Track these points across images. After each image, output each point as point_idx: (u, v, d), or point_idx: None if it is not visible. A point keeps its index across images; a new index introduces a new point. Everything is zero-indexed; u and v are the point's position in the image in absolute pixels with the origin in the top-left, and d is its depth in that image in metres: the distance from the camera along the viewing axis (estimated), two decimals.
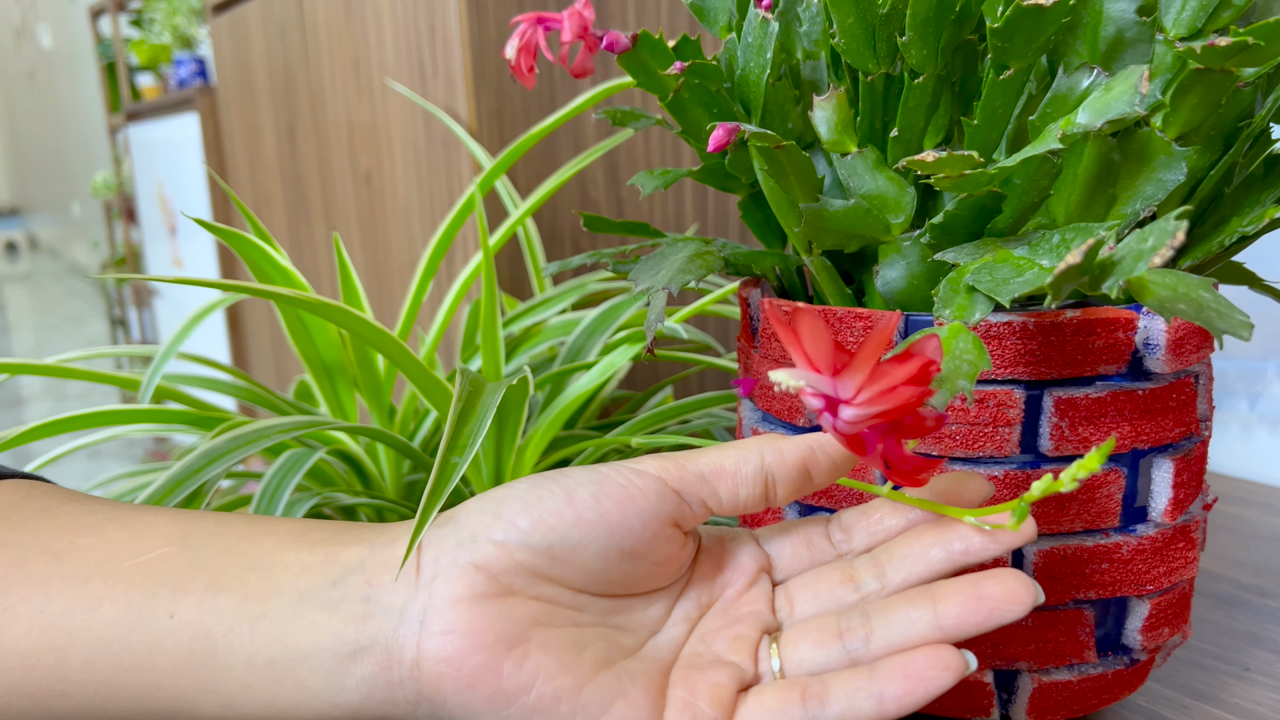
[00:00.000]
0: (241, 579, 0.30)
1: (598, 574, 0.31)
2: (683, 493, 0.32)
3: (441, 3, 0.85)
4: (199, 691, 0.30)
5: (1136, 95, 0.28)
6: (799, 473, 0.32)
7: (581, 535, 0.30)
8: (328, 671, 0.29)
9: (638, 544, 0.31)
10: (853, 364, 0.25)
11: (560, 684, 0.29)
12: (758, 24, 0.37)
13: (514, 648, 0.29)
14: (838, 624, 0.30)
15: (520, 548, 0.30)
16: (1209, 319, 0.27)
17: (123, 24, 2.98)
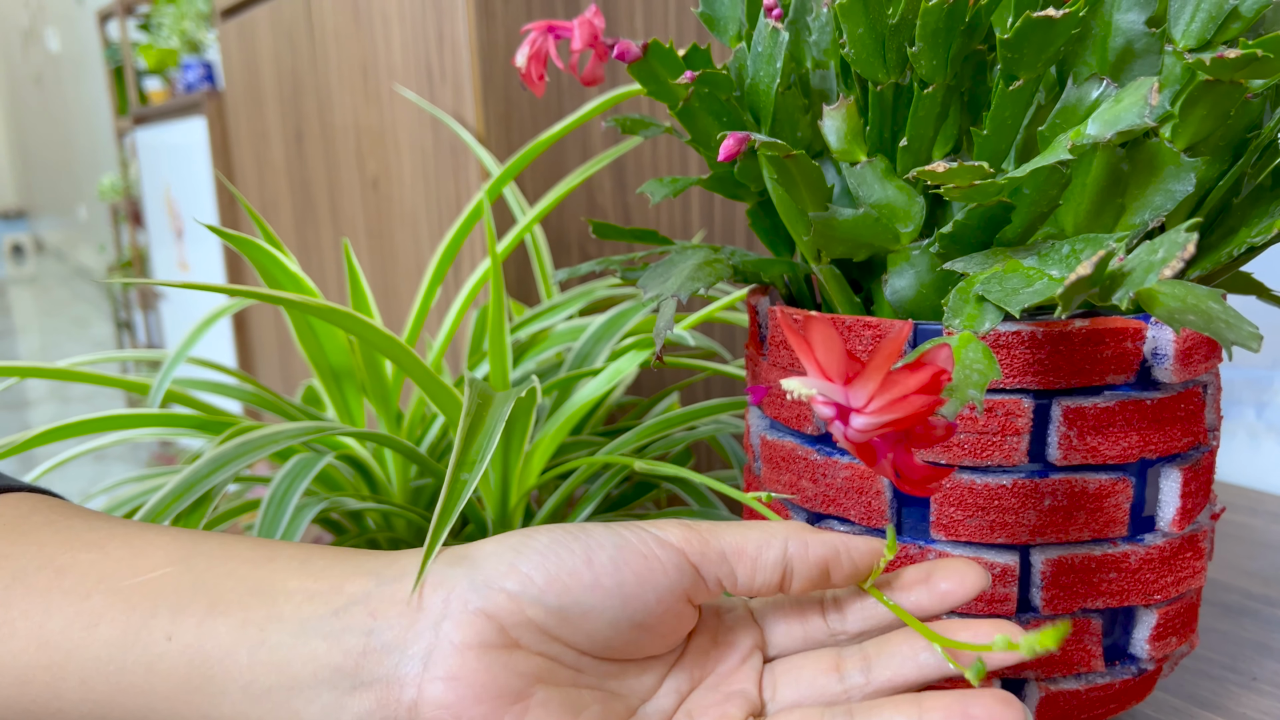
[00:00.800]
0: (242, 603, 0.30)
1: (605, 640, 0.30)
2: (701, 569, 0.31)
3: (450, 9, 0.86)
4: (194, 716, 0.29)
5: (1146, 106, 0.28)
6: (819, 571, 0.32)
7: (596, 601, 0.30)
8: (324, 705, 0.29)
9: (649, 617, 0.30)
10: (864, 372, 0.25)
11: None
12: (768, 33, 0.37)
13: (515, 703, 0.29)
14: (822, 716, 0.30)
15: (533, 604, 0.29)
16: (1218, 330, 0.27)
17: (130, 28, 2.99)
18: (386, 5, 0.97)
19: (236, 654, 0.29)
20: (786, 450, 0.41)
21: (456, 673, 0.28)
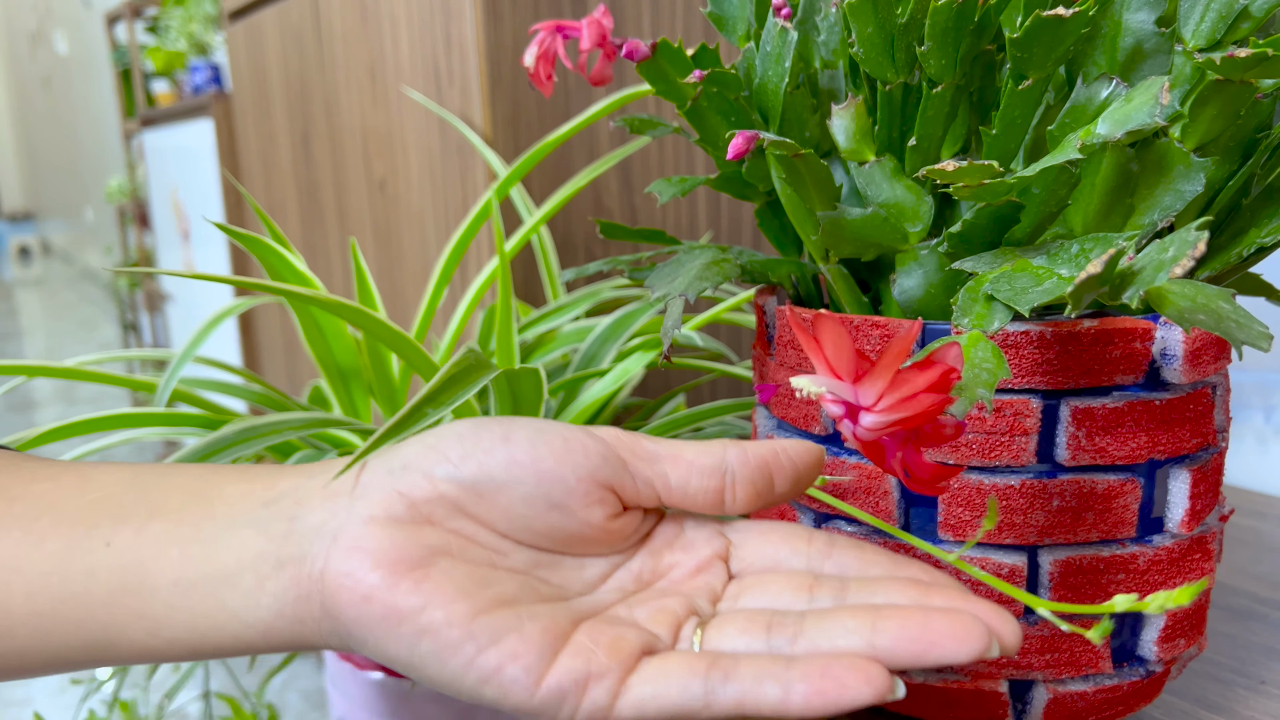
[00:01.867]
0: (181, 508, 0.31)
1: (523, 520, 0.30)
2: (629, 464, 0.31)
3: (458, 11, 0.86)
4: (129, 617, 0.30)
5: (1157, 106, 0.28)
6: (761, 473, 0.31)
7: (509, 476, 0.30)
8: (247, 589, 0.30)
9: (568, 497, 0.30)
10: (874, 371, 0.25)
11: (454, 610, 0.28)
12: (776, 33, 0.37)
13: (415, 570, 0.29)
14: (769, 619, 0.29)
15: (446, 480, 0.30)
16: (1228, 330, 0.27)
17: (138, 30, 3.00)
18: (394, 7, 0.97)
19: (169, 552, 0.30)
20: None
21: (360, 543, 0.29)
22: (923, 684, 0.38)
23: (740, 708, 0.26)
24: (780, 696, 0.26)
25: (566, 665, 0.28)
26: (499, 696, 0.28)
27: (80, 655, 0.31)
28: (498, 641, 0.28)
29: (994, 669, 0.38)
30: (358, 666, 0.68)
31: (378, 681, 0.66)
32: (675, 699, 0.27)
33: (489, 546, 0.30)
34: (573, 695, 0.27)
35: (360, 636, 0.29)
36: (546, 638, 0.28)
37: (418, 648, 0.28)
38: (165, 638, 0.30)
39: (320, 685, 1.56)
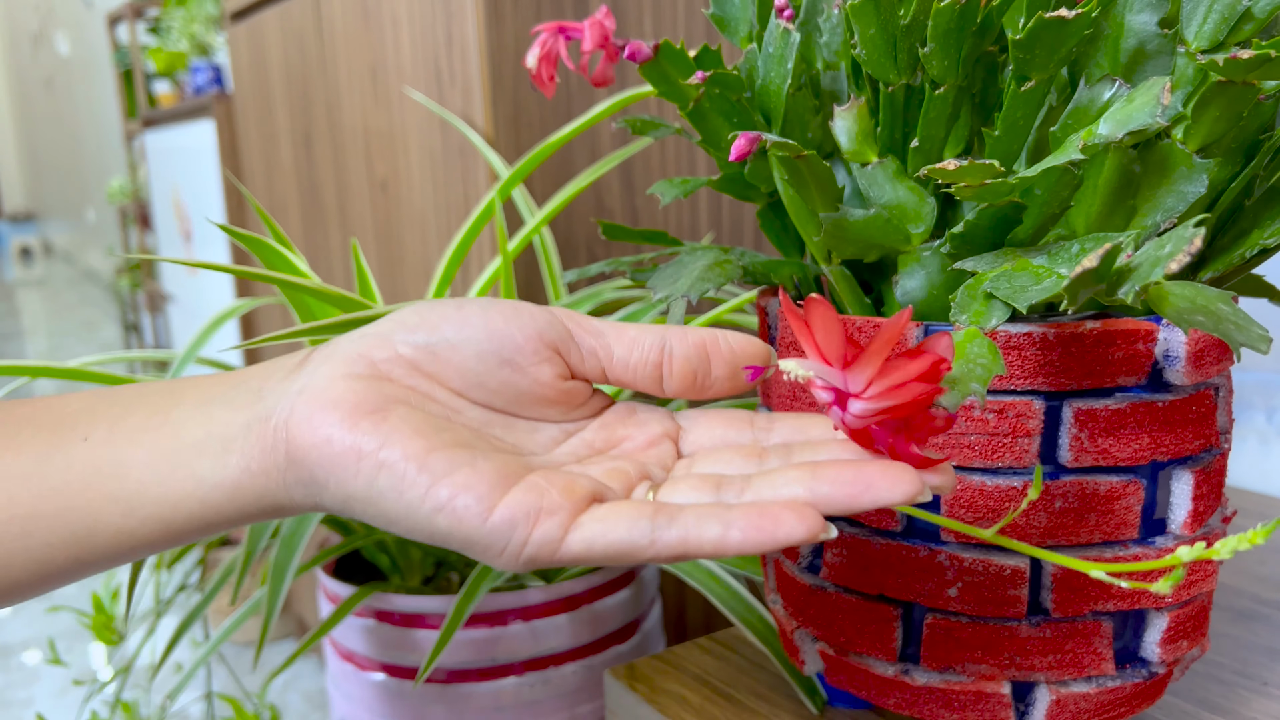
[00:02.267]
0: (154, 404, 0.33)
1: (476, 377, 0.32)
2: (574, 333, 0.33)
3: (460, 11, 0.86)
4: (105, 501, 0.32)
5: (1158, 107, 0.28)
6: (698, 352, 0.33)
7: (463, 336, 0.32)
8: (215, 453, 0.31)
9: (517, 354, 0.32)
10: (863, 357, 0.25)
11: (410, 447, 0.29)
12: (779, 34, 0.37)
13: (374, 413, 0.30)
14: (719, 480, 0.30)
15: (404, 343, 0.32)
16: (1227, 331, 0.27)
17: (140, 31, 3.00)
18: (396, 7, 0.97)
19: (142, 438, 0.32)
20: None
21: (322, 394, 0.31)
22: (925, 686, 0.38)
23: (683, 544, 0.28)
24: (720, 534, 0.27)
25: (519, 498, 0.29)
26: (451, 525, 0.29)
27: (61, 555, 0.32)
28: (451, 474, 0.29)
29: (996, 670, 0.38)
30: (359, 668, 0.68)
31: (379, 682, 0.66)
32: (623, 536, 0.28)
33: (445, 404, 0.32)
34: (523, 526, 0.28)
35: (322, 478, 0.30)
36: (499, 475, 0.29)
37: (376, 482, 0.29)
38: (140, 517, 0.32)
39: (322, 686, 1.56)
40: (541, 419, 0.33)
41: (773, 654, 0.49)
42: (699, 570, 0.55)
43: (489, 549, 0.29)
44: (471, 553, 0.29)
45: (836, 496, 0.27)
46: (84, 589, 1.99)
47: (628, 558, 0.28)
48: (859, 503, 0.27)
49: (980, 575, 0.37)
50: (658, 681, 0.50)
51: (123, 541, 0.32)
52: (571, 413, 0.34)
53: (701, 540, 0.27)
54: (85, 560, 0.33)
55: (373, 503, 0.29)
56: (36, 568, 0.32)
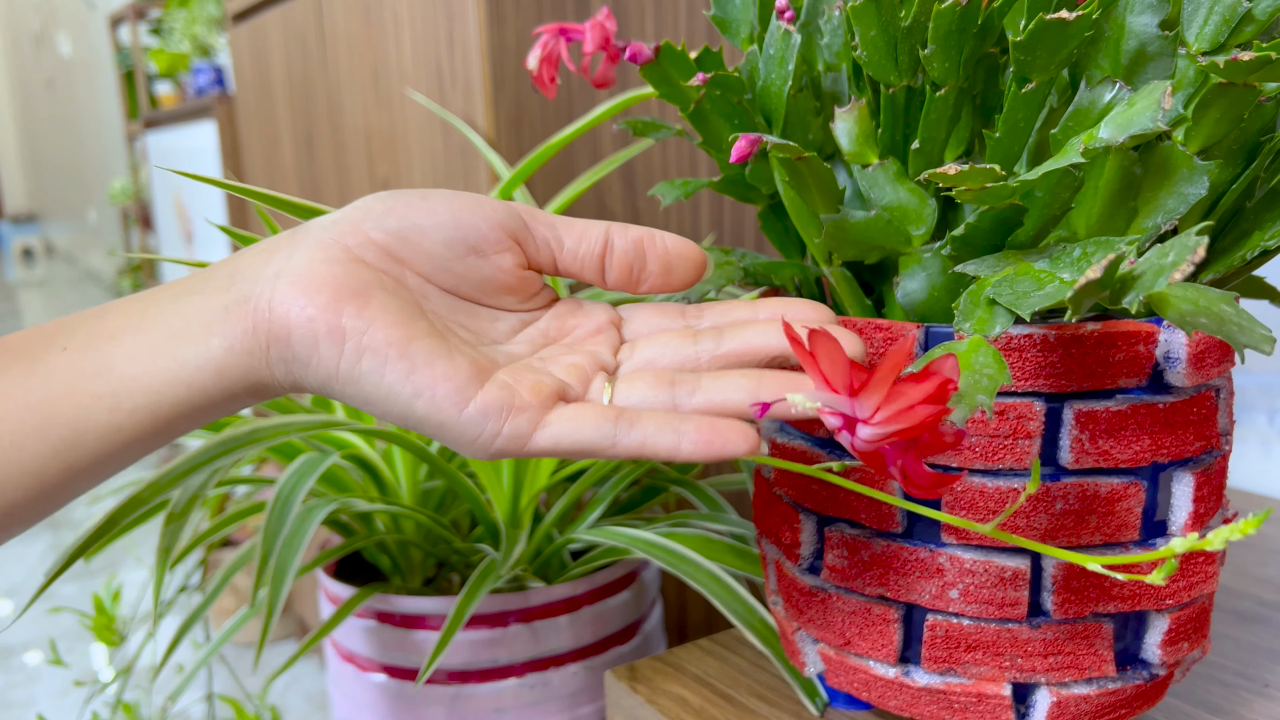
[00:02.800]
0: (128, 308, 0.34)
1: (443, 262, 0.34)
2: (530, 224, 0.35)
3: (461, 12, 0.86)
4: (90, 400, 0.33)
5: (1160, 110, 0.28)
6: (635, 246, 0.36)
7: (430, 222, 0.34)
8: (196, 336, 0.33)
9: (482, 242, 0.34)
10: (870, 384, 0.25)
11: (393, 334, 0.31)
12: (779, 36, 0.37)
13: (356, 297, 0.32)
14: (673, 375, 0.33)
15: (375, 228, 0.33)
16: (1230, 333, 0.27)
17: (142, 32, 3.00)
18: (397, 8, 0.97)
19: (122, 336, 0.33)
20: (797, 453, 0.41)
21: (303, 275, 0.32)
22: (926, 687, 0.38)
23: (641, 448, 0.31)
24: (674, 443, 0.31)
25: (493, 393, 0.31)
26: (428, 411, 0.31)
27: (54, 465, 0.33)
28: (432, 364, 0.31)
29: (997, 672, 0.38)
30: (360, 669, 0.68)
31: (380, 683, 0.66)
32: (588, 436, 0.31)
33: (415, 289, 0.34)
34: (495, 419, 0.31)
35: (304, 357, 0.32)
36: (474, 369, 0.32)
37: (359, 365, 0.31)
38: (127, 409, 0.33)
39: (323, 687, 1.56)
40: (500, 307, 0.36)
41: (773, 655, 0.49)
42: (700, 572, 0.55)
43: (461, 437, 0.31)
44: (442, 438, 0.32)
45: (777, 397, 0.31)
46: (85, 590, 1.99)
47: (589, 455, 0.32)
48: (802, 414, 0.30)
49: (981, 576, 0.37)
50: (658, 683, 0.50)
51: (112, 439, 0.33)
52: (526, 302, 0.36)
53: (657, 447, 0.31)
54: (77, 467, 0.33)
55: (354, 383, 0.32)
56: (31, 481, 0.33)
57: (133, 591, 1.89)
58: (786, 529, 0.42)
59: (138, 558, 0.89)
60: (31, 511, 0.34)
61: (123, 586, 0.89)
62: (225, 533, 0.67)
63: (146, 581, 0.99)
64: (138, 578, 2.00)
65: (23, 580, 2.13)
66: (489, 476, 0.65)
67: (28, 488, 0.33)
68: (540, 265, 0.36)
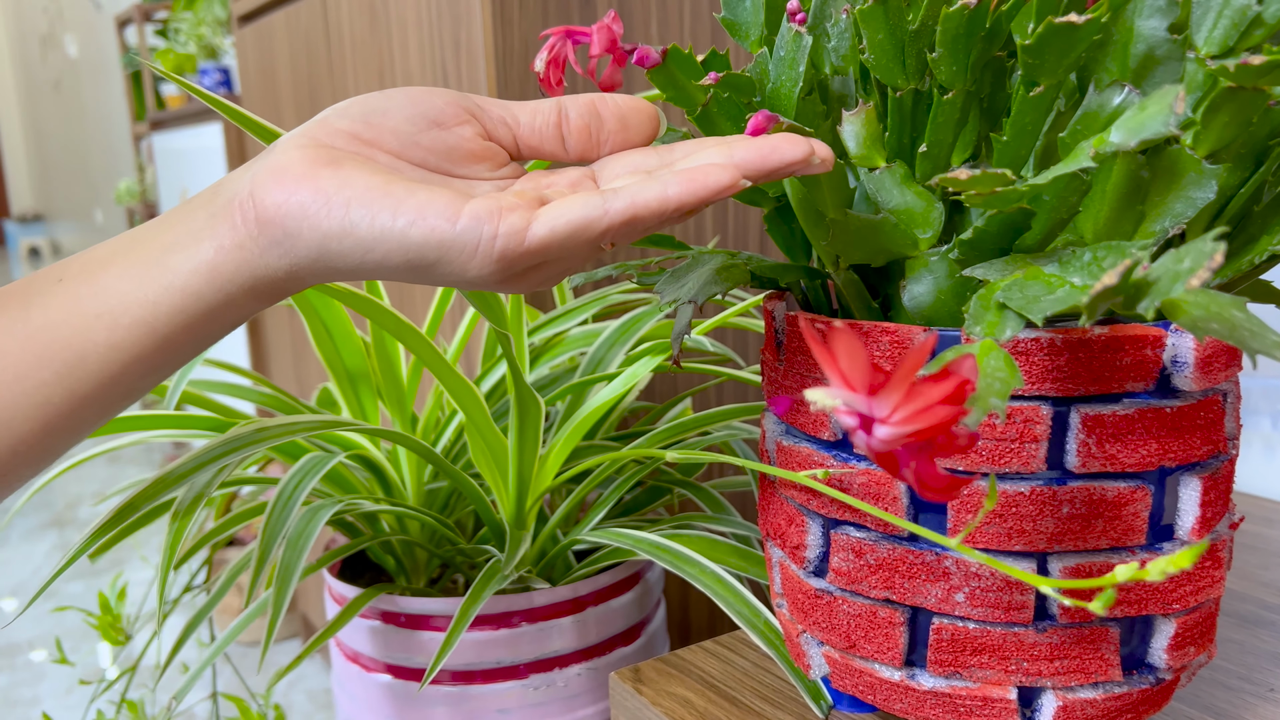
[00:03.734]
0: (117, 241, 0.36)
1: (410, 138, 0.35)
2: (483, 105, 0.37)
3: (467, 15, 0.86)
4: (89, 321, 0.34)
5: (1171, 115, 0.28)
6: (589, 109, 0.37)
7: (391, 104, 0.36)
8: (185, 244, 0.34)
9: (441, 115, 0.36)
10: (889, 383, 0.25)
11: (372, 181, 0.33)
12: (790, 38, 0.37)
13: (330, 164, 0.34)
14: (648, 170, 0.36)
15: (340, 118, 0.35)
16: (1242, 338, 0.27)
17: (148, 34, 3.01)
18: (404, 11, 0.97)
19: (113, 261, 0.35)
20: (802, 456, 0.41)
21: (278, 165, 0.34)
22: (931, 691, 0.38)
23: (632, 208, 0.32)
24: (660, 192, 0.32)
25: (479, 204, 0.33)
26: (425, 235, 0.32)
27: (58, 391, 0.34)
28: (414, 194, 0.33)
29: (1003, 675, 0.38)
30: (365, 669, 0.68)
31: (384, 683, 0.67)
32: (579, 213, 0.32)
33: (387, 166, 0.35)
34: (489, 222, 0.32)
35: (294, 229, 0.33)
36: (455, 193, 0.34)
37: (349, 215, 0.33)
38: (125, 325, 0.34)
39: (326, 686, 1.56)
40: (472, 176, 0.37)
41: (778, 657, 0.49)
42: (704, 573, 0.55)
43: (463, 250, 0.32)
44: (446, 262, 0.33)
45: (751, 158, 0.33)
46: (90, 588, 1.99)
47: (586, 231, 0.33)
48: (769, 162, 0.33)
49: (987, 580, 0.37)
50: (663, 684, 0.50)
51: (113, 359, 0.34)
52: (497, 170, 0.37)
53: (647, 201, 0.32)
54: (81, 392, 0.34)
55: (348, 234, 0.33)
56: (37, 412, 0.34)
57: (138, 590, 1.89)
58: (792, 531, 0.42)
59: (143, 557, 0.89)
60: (40, 448, 0.35)
61: (129, 585, 0.89)
62: (231, 532, 0.67)
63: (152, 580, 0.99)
64: (143, 576, 2.00)
65: (28, 578, 2.14)
66: (494, 477, 0.65)
67: (34, 419, 0.34)
68: (500, 140, 0.37)
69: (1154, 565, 0.25)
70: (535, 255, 0.33)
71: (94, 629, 0.77)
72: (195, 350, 0.36)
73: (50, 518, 2.52)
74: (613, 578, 0.68)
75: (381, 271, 0.34)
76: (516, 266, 0.33)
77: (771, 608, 0.53)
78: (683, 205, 0.32)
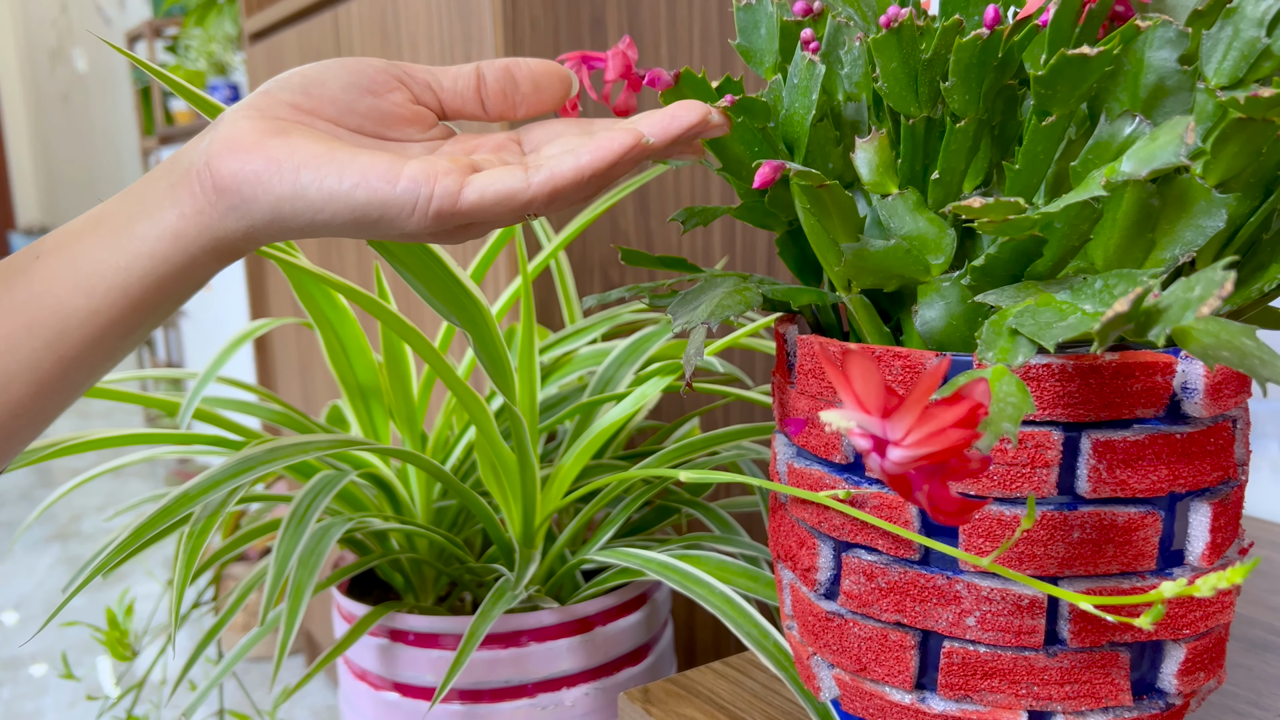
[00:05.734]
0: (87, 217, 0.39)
1: (346, 105, 0.39)
2: (409, 70, 0.40)
3: (479, 36, 0.87)
4: (68, 291, 0.37)
5: (1182, 145, 0.29)
6: (505, 73, 0.41)
7: (328, 75, 0.39)
8: (151, 214, 0.37)
9: (373, 83, 0.39)
10: (903, 406, 0.25)
11: (318, 148, 0.37)
12: (804, 66, 0.38)
13: (278, 134, 0.37)
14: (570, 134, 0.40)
15: (282, 90, 0.38)
16: (1251, 366, 0.28)
17: (158, 49, 3.03)
18: (415, 31, 0.98)
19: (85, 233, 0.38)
20: (814, 479, 0.41)
21: (230, 136, 0.37)
22: (941, 714, 0.39)
23: (551, 179, 0.36)
24: (574, 163, 0.36)
25: (417, 166, 0.36)
26: (369, 196, 0.36)
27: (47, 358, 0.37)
28: (356, 158, 0.36)
29: (1013, 699, 0.38)
30: (373, 687, 0.68)
31: (392, 702, 0.67)
32: (506, 184, 0.36)
33: (328, 132, 0.39)
34: (425, 185, 0.36)
35: (250, 194, 0.36)
36: (394, 156, 0.37)
37: (299, 179, 0.36)
38: (101, 291, 0.37)
39: (330, 702, 1.56)
40: (405, 139, 0.40)
41: (788, 679, 0.50)
42: (714, 594, 0.56)
43: (402, 209, 0.36)
44: (387, 220, 0.37)
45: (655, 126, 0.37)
46: (94, 602, 1.99)
47: (511, 201, 0.36)
48: (671, 128, 0.37)
49: (998, 604, 0.37)
50: (671, 705, 0.50)
51: (93, 323, 0.37)
52: (427, 131, 0.41)
53: (564, 171, 0.36)
54: (68, 356, 0.38)
55: (300, 197, 0.36)
56: (30, 376, 0.37)
57: (143, 605, 1.89)
58: (803, 554, 0.42)
59: (149, 572, 0.89)
60: (35, 410, 0.38)
61: (135, 600, 0.89)
62: (241, 550, 0.67)
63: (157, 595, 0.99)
64: (147, 590, 2.00)
65: (31, 591, 2.13)
66: (502, 496, 0.66)
67: (28, 383, 0.37)
68: (426, 103, 0.41)
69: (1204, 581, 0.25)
70: (465, 216, 0.37)
71: (100, 644, 0.77)
72: (166, 311, 0.39)
73: (54, 531, 2.52)
74: (621, 598, 0.68)
75: (330, 229, 0.37)
76: (448, 224, 0.37)
77: (781, 629, 0.53)
78: (596, 170, 0.36)
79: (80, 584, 0.49)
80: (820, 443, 0.40)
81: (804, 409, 0.42)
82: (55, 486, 2.90)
